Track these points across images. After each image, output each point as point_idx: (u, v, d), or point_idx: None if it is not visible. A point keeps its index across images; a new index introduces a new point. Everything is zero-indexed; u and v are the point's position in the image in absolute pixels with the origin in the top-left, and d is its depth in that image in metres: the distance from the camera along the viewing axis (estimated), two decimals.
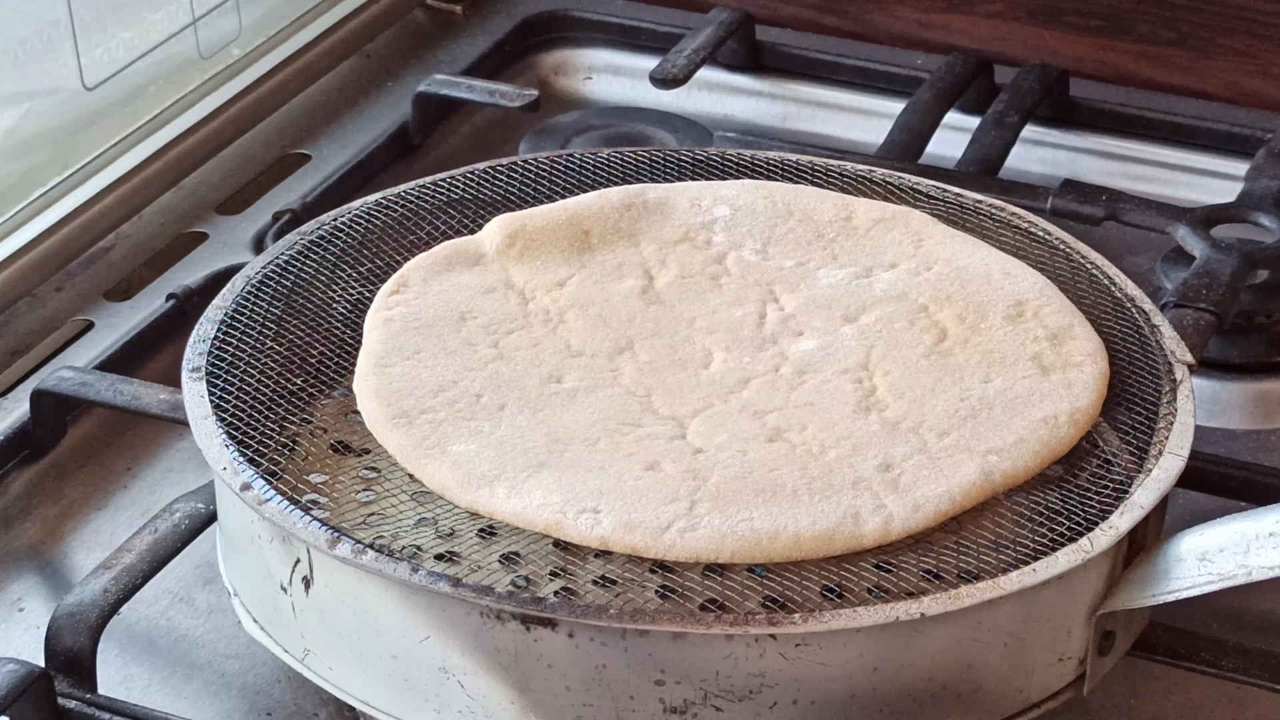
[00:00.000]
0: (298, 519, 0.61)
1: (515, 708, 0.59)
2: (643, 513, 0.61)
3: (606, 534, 0.61)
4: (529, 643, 0.58)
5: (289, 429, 0.68)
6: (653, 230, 0.73)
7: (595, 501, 0.61)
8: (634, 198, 0.74)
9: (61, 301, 0.84)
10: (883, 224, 0.73)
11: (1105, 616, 0.61)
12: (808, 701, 0.58)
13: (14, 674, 0.62)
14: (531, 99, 0.92)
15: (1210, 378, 0.81)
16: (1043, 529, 0.64)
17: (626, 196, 0.74)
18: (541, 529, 0.61)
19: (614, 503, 0.61)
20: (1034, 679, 0.61)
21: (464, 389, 0.66)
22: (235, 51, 0.95)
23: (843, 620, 0.58)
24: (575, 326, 0.69)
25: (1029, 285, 0.71)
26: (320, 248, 0.73)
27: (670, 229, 0.73)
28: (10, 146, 0.84)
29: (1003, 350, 0.68)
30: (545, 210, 0.73)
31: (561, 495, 0.61)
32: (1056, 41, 1.00)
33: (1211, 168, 0.93)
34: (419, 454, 0.64)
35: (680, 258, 0.72)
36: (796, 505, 0.61)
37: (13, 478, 0.76)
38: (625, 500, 0.61)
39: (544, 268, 0.71)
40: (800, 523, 0.61)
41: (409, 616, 0.59)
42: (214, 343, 0.68)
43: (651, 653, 0.58)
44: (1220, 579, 0.59)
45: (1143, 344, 0.69)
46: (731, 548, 0.60)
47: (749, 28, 0.99)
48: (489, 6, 1.04)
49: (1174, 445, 0.64)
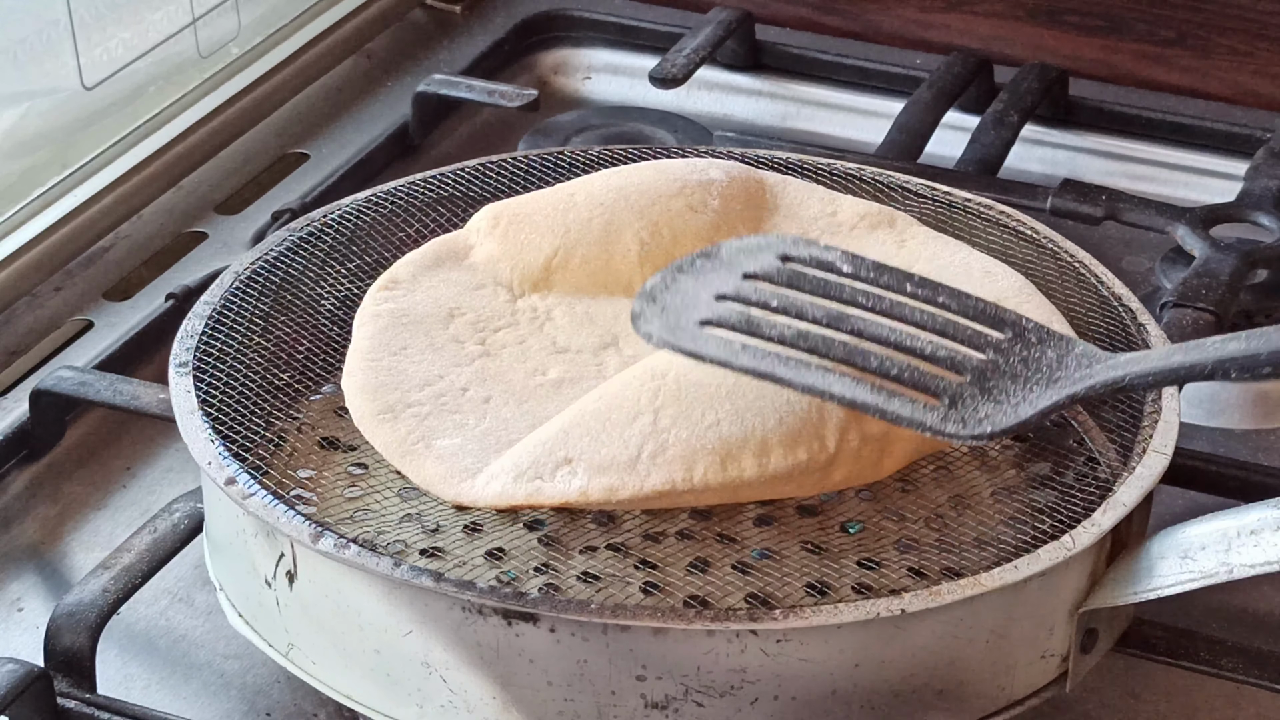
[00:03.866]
0: (281, 513, 0.61)
1: (497, 702, 0.59)
2: (610, 445, 0.60)
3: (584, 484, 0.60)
4: (511, 638, 0.58)
5: (276, 424, 0.68)
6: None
7: (564, 448, 0.61)
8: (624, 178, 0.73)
9: (61, 301, 0.84)
10: (867, 220, 0.73)
11: (1088, 614, 0.61)
12: (789, 697, 0.58)
13: (13, 674, 0.62)
14: (531, 99, 0.92)
15: None
16: (1027, 527, 0.64)
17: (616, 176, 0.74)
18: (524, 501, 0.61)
19: (580, 439, 0.61)
20: (1016, 676, 0.61)
21: (450, 383, 0.66)
22: (234, 51, 0.95)
23: (824, 617, 0.57)
24: (562, 324, 0.69)
25: (1009, 284, 0.71)
26: (310, 244, 0.74)
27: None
28: (9, 146, 0.85)
29: None
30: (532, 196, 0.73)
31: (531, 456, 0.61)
32: (1056, 41, 1.00)
33: (1211, 167, 0.93)
34: (403, 450, 0.64)
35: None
36: (762, 402, 0.60)
37: (12, 477, 0.76)
38: (591, 434, 0.61)
39: (528, 242, 0.71)
40: (768, 424, 0.60)
41: (391, 611, 0.60)
42: (201, 338, 0.68)
43: (633, 648, 0.58)
44: (1202, 577, 0.59)
45: (1129, 343, 0.69)
46: (704, 464, 0.60)
47: (748, 27, 0.99)
48: (488, 6, 1.05)
49: (1158, 443, 0.63)
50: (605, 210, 0.71)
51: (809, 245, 0.60)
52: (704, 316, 0.58)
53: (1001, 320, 0.58)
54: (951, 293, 0.59)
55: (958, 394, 0.55)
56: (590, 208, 0.71)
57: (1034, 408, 0.55)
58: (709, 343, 0.57)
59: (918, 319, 0.58)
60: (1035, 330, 0.58)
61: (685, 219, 0.72)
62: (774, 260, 0.60)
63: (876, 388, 0.55)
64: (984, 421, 0.54)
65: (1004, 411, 0.55)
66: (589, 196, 0.72)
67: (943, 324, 0.58)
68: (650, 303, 0.59)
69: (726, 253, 0.60)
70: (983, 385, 0.56)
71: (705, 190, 0.72)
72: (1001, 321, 0.58)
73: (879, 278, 0.59)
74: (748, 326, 0.57)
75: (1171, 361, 0.55)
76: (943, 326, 0.58)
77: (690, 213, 0.72)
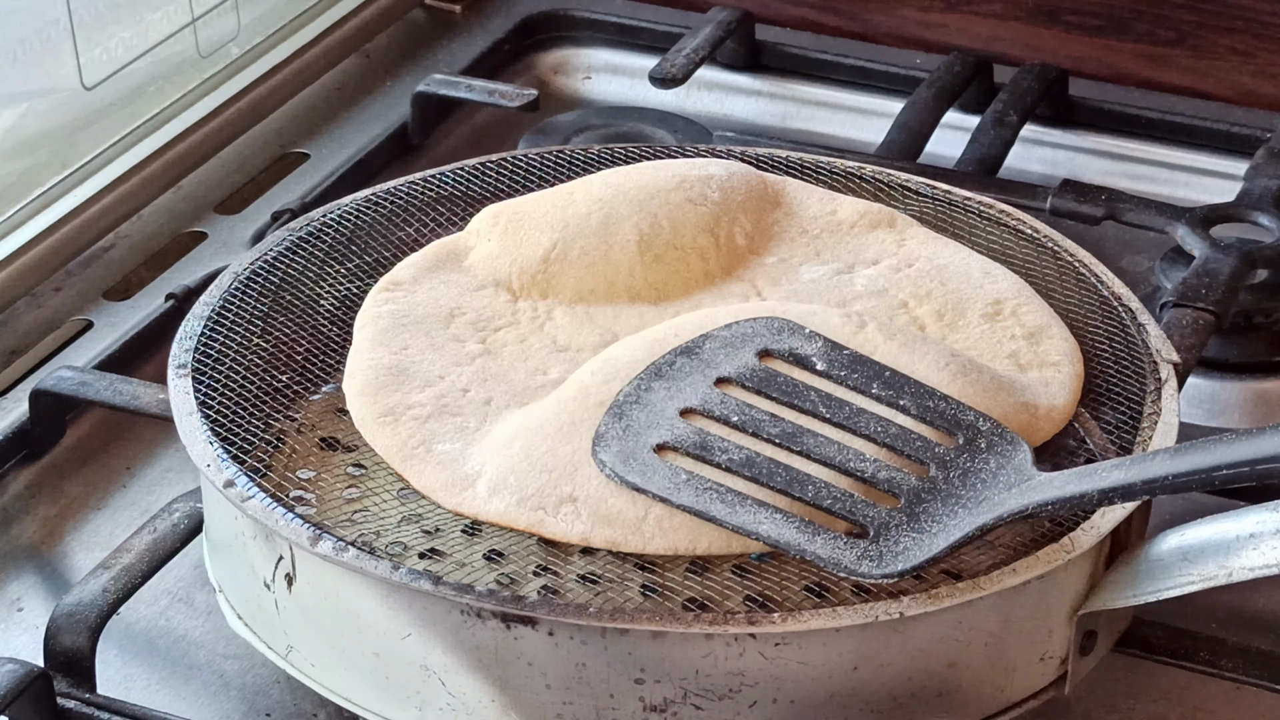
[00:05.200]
0: (280, 516, 0.61)
1: (496, 705, 0.59)
2: (619, 498, 0.61)
3: (587, 530, 0.61)
4: (509, 641, 0.58)
5: (275, 425, 0.68)
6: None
7: (570, 483, 0.61)
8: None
9: (61, 301, 0.84)
10: (867, 219, 0.73)
11: (1087, 616, 0.61)
12: (787, 700, 0.58)
13: (13, 674, 0.62)
14: (531, 99, 0.92)
15: (1209, 377, 0.80)
16: (1026, 529, 0.64)
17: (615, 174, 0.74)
18: (524, 527, 0.62)
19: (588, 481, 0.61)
20: (1015, 679, 0.61)
21: (450, 384, 0.66)
22: (234, 51, 0.95)
23: (822, 620, 0.58)
24: (563, 323, 0.69)
25: (1008, 285, 0.71)
26: (309, 244, 0.74)
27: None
28: (9, 146, 0.85)
29: (980, 347, 0.68)
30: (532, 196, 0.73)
31: (538, 482, 0.61)
32: (1056, 41, 1.00)
33: (1211, 167, 0.93)
34: (404, 454, 0.64)
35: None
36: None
37: (12, 477, 0.76)
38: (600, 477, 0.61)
39: (528, 238, 0.71)
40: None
41: (390, 614, 0.60)
42: (201, 339, 0.68)
43: (631, 651, 0.58)
44: (1201, 579, 0.59)
45: (1128, 342, 0.69)
46: (709, 539, 0.61)
47: (748, 27, 0.99)
48: (488, 6, 1.05)
49: (1157, 444, 0.63)
50: (604, 205, 0.71)
51: (791, 335, 0.65)
52: (661, 439, 0.62)
53: (959, 423, 0.62)
54: (915, 392, 0.63)
55: (885, 524, 0.59)
56: (589, 203, 0.71)
57: (947, 539, 0.58)
58: (655, 477, 0.61)
59: (871, 430, 0.62)
60: (989, 433, 0.62)
61: (684, 211, 0.72)
62: (751, 358, 0.64)
63: (805, 523, 0.59)
64: (899, 557, 0.58)
65: (921, 543, 0.58)
66: (588, 194, 0.72)
67: (894, 435, 0.62)
68: (616, 420, 0.63)
69: (709, 349, 0.65)
70: (912, 511, 0.60)
71: (704, 184, 0.72)
72: (959, 424, 0.62)
73: (849, 375, 0.64)
74: (699, 450, 0.62)
75: (1065, 491, 0.58)
76: (894, 438, 0.62)
77: (690, 205, 0.72)
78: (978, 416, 0.62)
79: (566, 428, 0.63)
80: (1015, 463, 0.60)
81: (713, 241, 0.72)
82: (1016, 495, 0.59)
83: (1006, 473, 0.60)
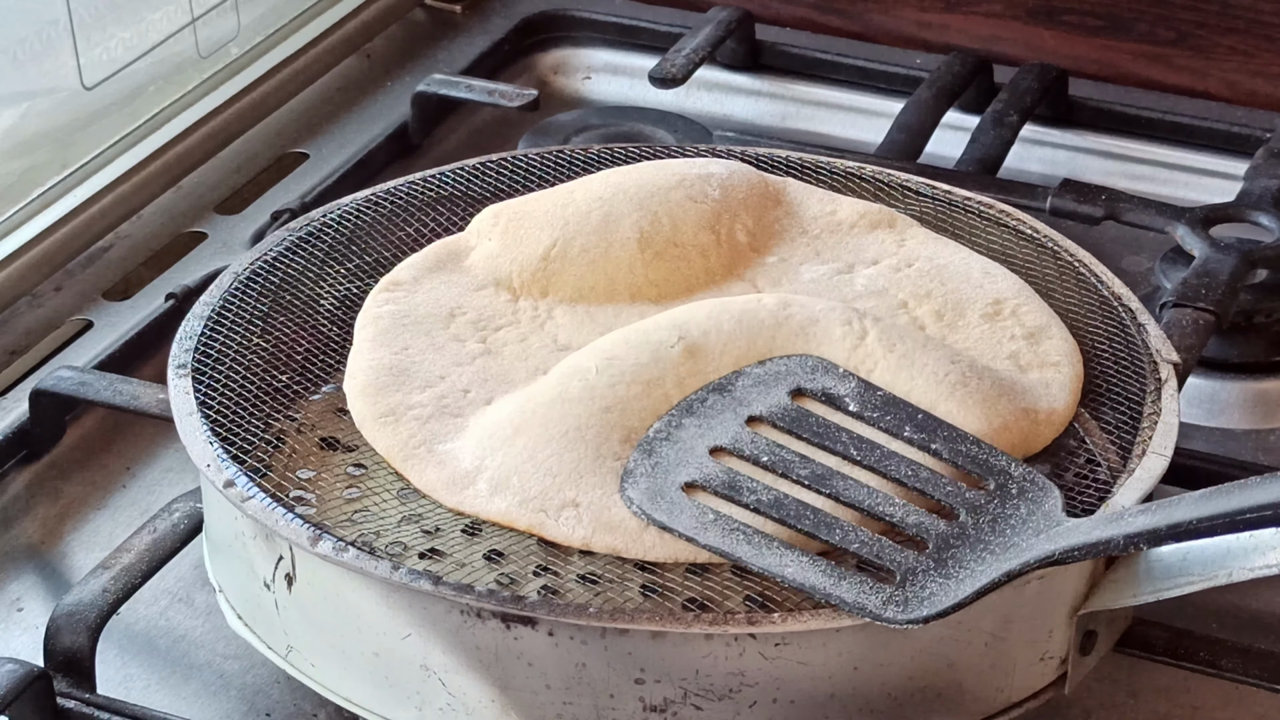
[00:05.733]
0: (280, 516, 0.61)
1: (496, 706, 0.59)
2: (621, 507, 0.61)
3: (588, 535, 0.61)
4: (509, 641, 0.58)
5: (275, 426, 0.68)
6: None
7: (573, 488, 0.61)
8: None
9: (61, 301, 0.84)
10: (867, 219, 0.74)
11: (1087, 616, 0.61)
12: (787, 701, 0.58)
13: (13, 674, 0.62)
14: (531, 99, 0.92)
15: (1209, 377, 0.80)
16: None
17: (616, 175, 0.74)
18: (525, 528, 0.62)
19: (592, 490, 0.61)
20: (1015, 678, 0.61)
21: (451, 384, 0.66)
22: (234, 51, 0.95)
23: (822, 620, 0.58)
24: (563, 322, 0.69)
25: (1008, 286, 0.71)
26: (309, 244, 0.74)
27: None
28: (9, 146, 0.85)
29: (980, 347, 0.68)
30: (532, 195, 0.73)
31: (541, 485, 0.61)
32: (1056, 41, 1.00)
33: (1211, 167, 0.93)
34: (405, 454, 0.64)
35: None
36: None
37: (12, 477, 0.76)
38: (603, 486, 0.61)
39: (528, 236, 0.71)
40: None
41: (390, 614, 0.60)
42: (201, 339, 0.68)
43: (631, 651, 0.58)
44: (1201, 579, 0.59)
45: (1129, 343, 0.69)
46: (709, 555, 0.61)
47: (748, 27, 0.99)
48: (488, 6, 1.05)
49: (1157, 445, 0.63)
50: (604, 203, 0.71)
51: (825, 374, 0.64)
52: (690, 478, 0.61)
53: (991, 468, 0.62)
54: (948, 436, 0.63)
55: (911, 570, 0.59)
56: (589, 202, 0.72)
57: (974, 585, 0.58)
58: (682, 516, 0.60)
59: (902, 475, 0.62)
60: (1021, 479, 0.61)
61: (685, 208, 0.72)
62: (784, 397, 0.64)
63: (831, 566, 0.59)
64: (925, 603, 0.58)
65: (947, 589, 0.58)
66: (588, 192, 0.72)
67: (925, 480, 0.62)
68: (646, 456, 0.62)
69: (741, 387, 0.64)
70: (939, 557, 0.59)
71: (705, 182, 0.73)
72: (991, 469, 0.62)
73: (882, 418, 0.63)
74: (728, 490, 0.61)
75: (1091, 537, 0.58)
76: (924, 483, 0.61)
77: (690, 203, 0.72)
78: (1010, 462, 0.62)
79: (572, 433, 0.63)
80: (1045, 509, 0.60)
81: (714, 239, 0.72)
82: (1044, 541, 0.58)
83: (1036, 519, 0.60)
